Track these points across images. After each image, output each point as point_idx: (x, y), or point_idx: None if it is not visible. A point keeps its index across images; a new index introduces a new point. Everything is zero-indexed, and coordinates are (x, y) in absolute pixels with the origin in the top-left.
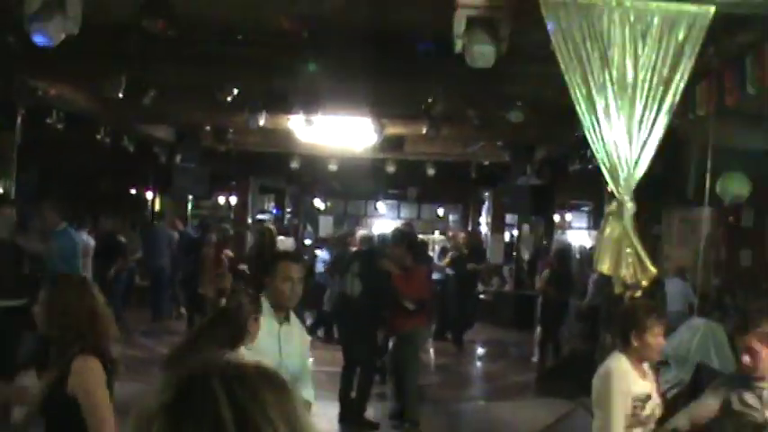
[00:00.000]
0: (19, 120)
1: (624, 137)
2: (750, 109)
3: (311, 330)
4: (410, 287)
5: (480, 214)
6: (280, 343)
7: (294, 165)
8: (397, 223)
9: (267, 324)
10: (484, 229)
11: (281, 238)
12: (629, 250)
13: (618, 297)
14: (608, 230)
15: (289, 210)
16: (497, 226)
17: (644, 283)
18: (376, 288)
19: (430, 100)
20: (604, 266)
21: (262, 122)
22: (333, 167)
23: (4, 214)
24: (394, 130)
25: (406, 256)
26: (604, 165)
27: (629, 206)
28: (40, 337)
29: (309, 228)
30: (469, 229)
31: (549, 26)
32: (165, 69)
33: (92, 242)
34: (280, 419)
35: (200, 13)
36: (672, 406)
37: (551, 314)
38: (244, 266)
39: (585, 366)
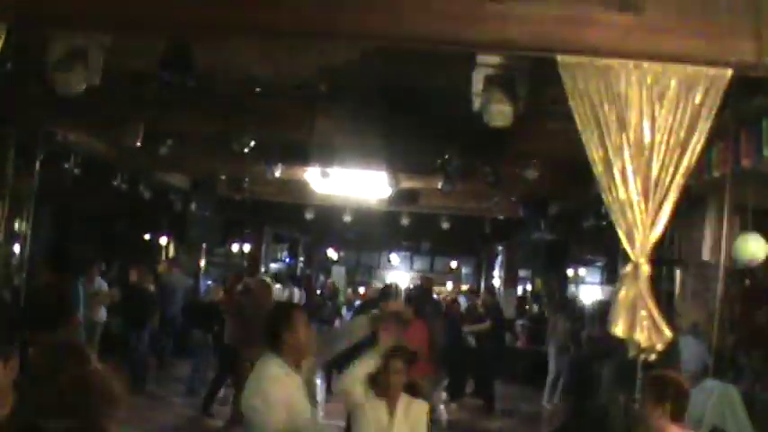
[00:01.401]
0: (38, 164)
1: (640, 199)
2: (766, 170)
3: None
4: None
5: (493, 267)
6: (305, 395)
7: (309, 215)
8: (411, 275)
9: (291, 380)
10: (497, 282)
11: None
12: (643, 313)
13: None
14: (623, 293)
15: (302, 259)
16: (510, 280)
17: (659, 347)
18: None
19: (446, 156)
20: (619, 329)
21: (278, 173)
22: (347, 218)
23: None
24: (409, 183)
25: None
26: (620, 226)
27: (645, 269)
28: None
29: (322, 277)
30: (484, 284)
31: (567, 87)
32: (183, 118)
33: (104, 285)
34: None
35: (219, 64)
36: None
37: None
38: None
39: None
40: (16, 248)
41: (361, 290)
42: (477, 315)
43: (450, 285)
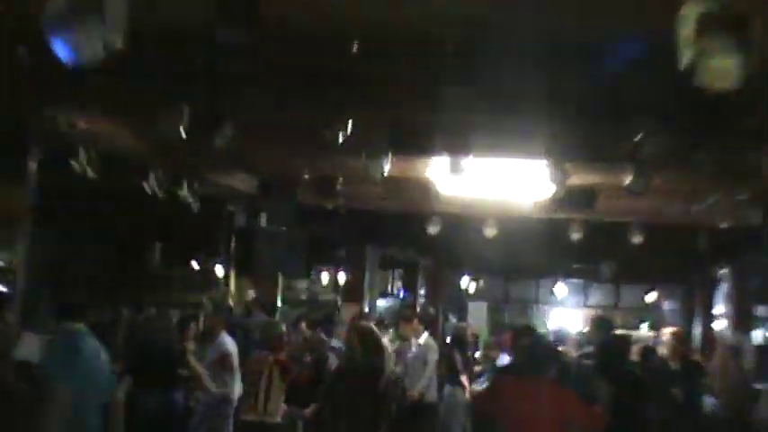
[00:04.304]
0: (33, 166)
1: None
2: None
3: None
4: None
5: (712, 300)
6: None
7: (432, 229)
8: (584, 312)
9: None
10: (721, 324)
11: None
12: None
13: None
14: None
15: (422, 292)
16: (742, 320)
17: None
18: None
19: (637, 137)
20: None
21: (386, 170)
22: (489, 233)
23: None
24: (582, 178)
25: None
26: None
27: None
28: None
29: (453, 318)
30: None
31: None
32: (248, 96)
33: None
34: None
35: (299, 15)
36: None
37: None
38: None
39: None
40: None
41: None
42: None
43: (644, 328)
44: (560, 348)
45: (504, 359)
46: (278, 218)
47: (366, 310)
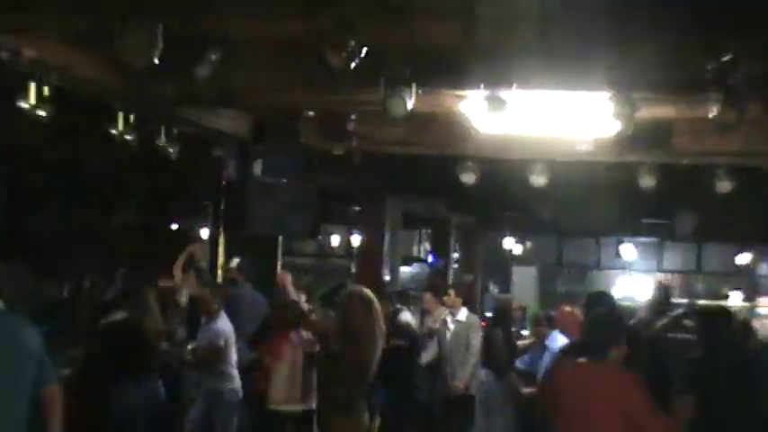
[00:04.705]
0: None
1: None
2: None
3: None
4: None
5: None
6: None
7: (467, 178)
8: (658, 279)
9: None
10: None
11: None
12: None
13: None
14: None
15: (456, 256)
16: None
17: None
18: None
19: (725, 57)
20: None
21: (410, 104)
22: (538, 181)
23: None
24: (654, 112)
25: None
26: None
27: None
28: None
29: (494, 288)
30: None
31: None
32: (236, 12)
33: None
34: None
35: None
36: None
37: None
38: None
39: None
40: None
41: (567, 309)
42: None
43: (737, 296)
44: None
45: (557, 338)
46: (277, 166)
47: (386, 278)
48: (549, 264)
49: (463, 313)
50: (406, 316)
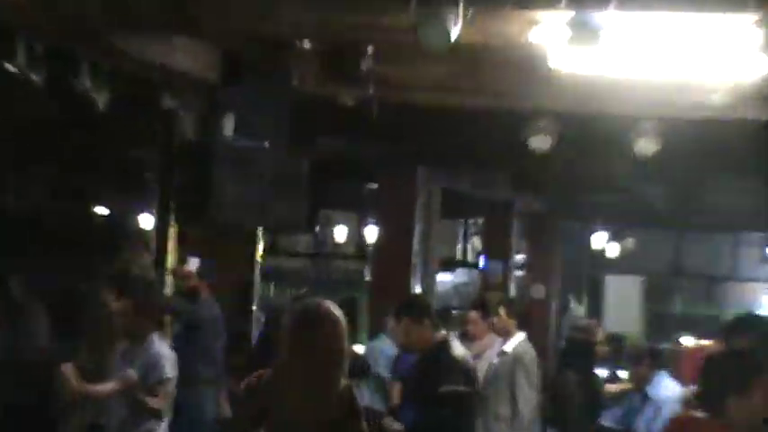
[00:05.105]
0: None
1: None
2: None
3: None
4: None
5: None
6: None
7: (539, 142)
8: None
9: None
10: None
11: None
12: None
13: None
14: None
15: (520, 258)
16: None
17: None
18: None
19: None
20: None
21: (455, 31)
22: (645, 148)
23: None
24: None
25: None
26: None
27: None
28: None
29: (576, 308)
30: None
31: None
32: None
33: None
34: None
35: None
36: None
37: None
38: None
39: None
40: None
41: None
42: None
43: None
44: None
45: (664, 384)
46: (256, 124)
47: (416, 289)
48: (661, 273)
49: (516, 340)
50: (459, 348)
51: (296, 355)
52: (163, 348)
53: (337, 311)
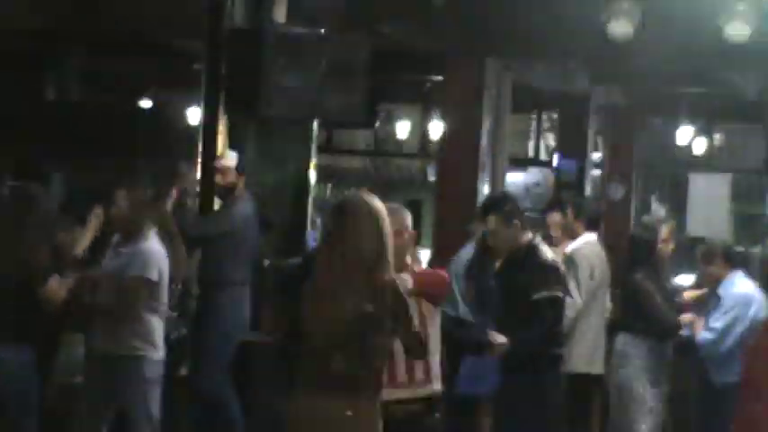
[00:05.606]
0: None
1: None
2: None
3: None
4: None
5: None
6: None
7: (618, 27)
8: None
9: None
10: None
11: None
12: None
13: None
14: None
15: (598, 156)
16: None
17: None
18: None
19: None
20: None
21: None
22: (736, 30)
23: None
24: None
25: None
26: None
27: None
28: None
29: (658, 209)
30: None
31: None
32: None
33: None
34: None
35: None
36: None
37: None
38: None
39: None
40: None
41: None
42: None
43: None
44: None
45: (736, 283)
46: (311, 9)
47: (485, 190)
48: (751, 171)
49: (578, 242)
50: (548, 251)
51: (328, 244)
52: (153, 245)
53: (378, 204)
